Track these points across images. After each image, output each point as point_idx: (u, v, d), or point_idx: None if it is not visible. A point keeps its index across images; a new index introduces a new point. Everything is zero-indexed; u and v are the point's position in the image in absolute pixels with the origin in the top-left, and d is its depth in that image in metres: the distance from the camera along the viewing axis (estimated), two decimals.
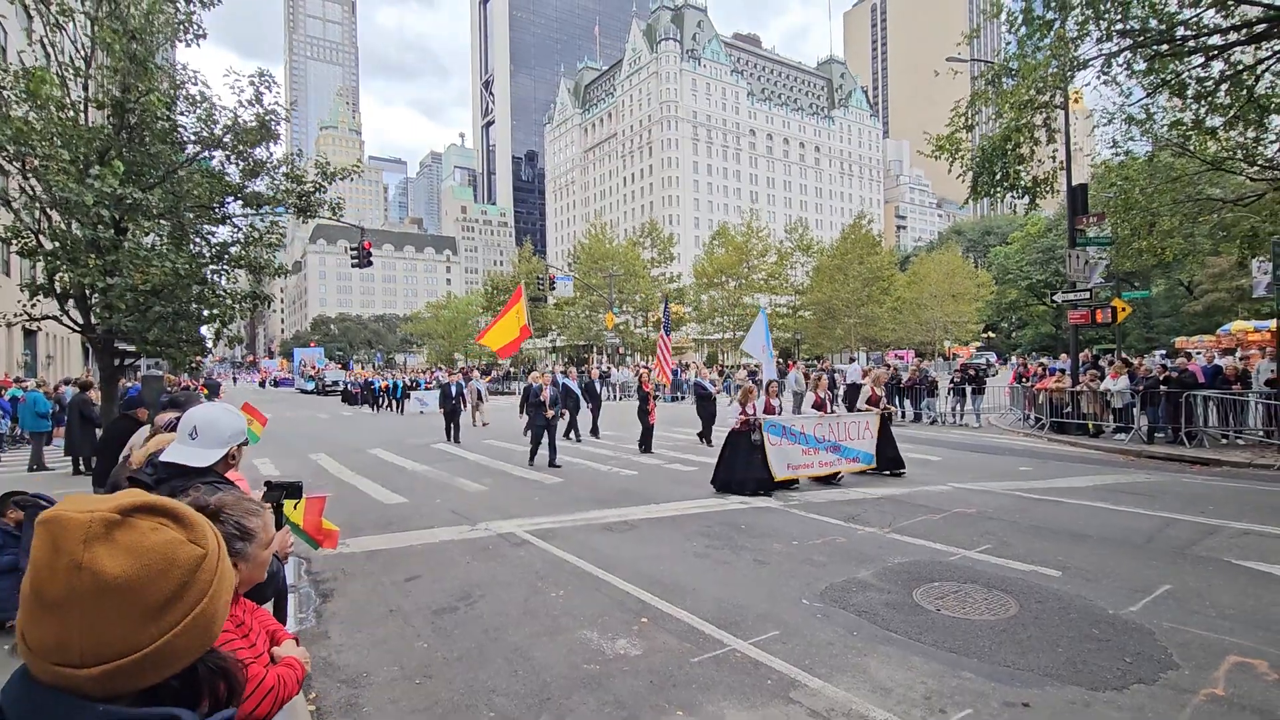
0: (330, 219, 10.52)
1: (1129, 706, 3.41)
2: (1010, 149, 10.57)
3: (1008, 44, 11.35)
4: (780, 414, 9.71)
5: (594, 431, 16.17)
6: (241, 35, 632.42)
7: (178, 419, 2.89)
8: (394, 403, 26.39)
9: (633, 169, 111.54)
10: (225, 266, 8.84)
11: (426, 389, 27.21)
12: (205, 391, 20.97)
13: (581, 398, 15.91)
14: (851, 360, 39.99)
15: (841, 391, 19.42)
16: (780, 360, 42.89)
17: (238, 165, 8.70)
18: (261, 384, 68.33)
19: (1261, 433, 12.11)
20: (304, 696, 3.48)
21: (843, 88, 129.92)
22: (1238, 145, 12.89)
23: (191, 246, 8.67)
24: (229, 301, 8.47)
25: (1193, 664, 3.86)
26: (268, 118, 8.46)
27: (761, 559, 6.14)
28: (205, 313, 8.12)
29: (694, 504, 8.53)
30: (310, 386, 48.46)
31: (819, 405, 9.98)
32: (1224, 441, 12.38)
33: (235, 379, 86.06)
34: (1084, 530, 6.87)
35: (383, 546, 6.92)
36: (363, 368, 72.52)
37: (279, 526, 2.57)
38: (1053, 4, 9.75)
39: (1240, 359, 15.43)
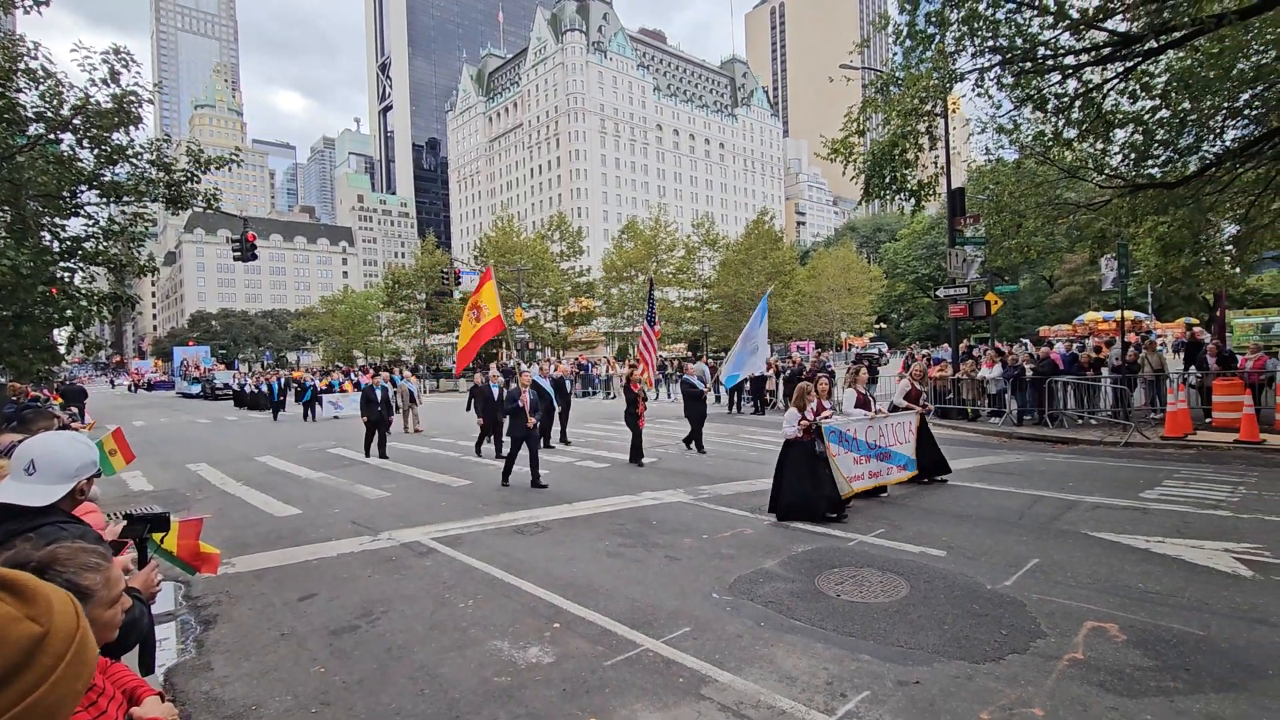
0: (206, 209, 9.65)
1: (1005, 676, 3.72)
2: (898, 154, 11.20)
3: (895, 55, 12.03)
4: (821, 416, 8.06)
5: (563, 438, 14.28)
6: (97, 3, 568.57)
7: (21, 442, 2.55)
8: (306, 408, 22.96)
9: (540, 160, 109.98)
10: (79, 264, 7.85)
11: (342, 391, 24.36)
12: (59, 400, 18.76)
13: (554, 399, 13.82)
14: (753, 353, 41.24)
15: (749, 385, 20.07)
16: (690, 354, 43.75)
17: (91, 150, 7.74)
18: (132, 388, 61.55)
19: (1109, 413, 13.58)
20: None
21: (745, 87, 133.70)
22: (1089, 156, 14.32)
23: (37, 241, 7.67)
24: (84, 303, 7.53)
25: (1058, 631, 4.26)
26: (126, 99, 7.56)
27: (673, 555, 6.22)
28: (55, 315, 7.18)
29: (607, 501, 8.53)
30: (195, 390, 42.76)
31: (862, 404, 8.47)
32: (1080, 422, 13.79)
33: (113, 383, 77.28)
34: (965, 511, 7.44)
35: (273, 564, 6.46)
36: (249, 367, 67.51)
37: (144, 562, 2.32)
38: (933, 20, 10.41)
39: (1092, 348, 17.25)
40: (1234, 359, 14.55)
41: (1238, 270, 21.39)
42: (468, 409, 16.10)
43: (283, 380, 25.69)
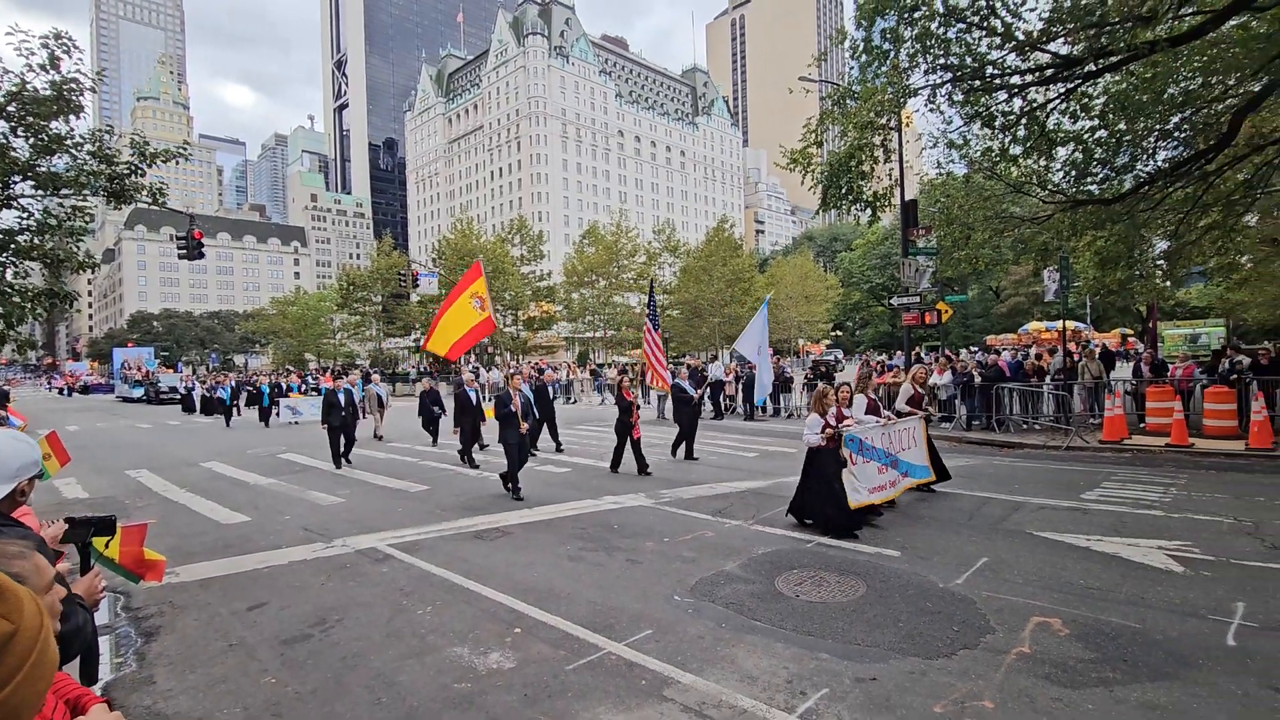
0: (151, 205, 9.25)
1: (957, 671, 3.85)
2: (854, 166, 11.50)
3: (851, 69, 12.36)
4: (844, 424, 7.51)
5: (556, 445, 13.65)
6: None
7: None
8: (262, 412, 21.71)
9: (500, 163, 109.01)
10: (12, 258, 7.41)
11: (300, 395, 23.24)
12: None
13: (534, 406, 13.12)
14: (714, 359, 41.70)
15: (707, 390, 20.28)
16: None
17: (27, 139, 7.32)
18: (65, 391, 58.01)
19: (1052, 419, 14.17)
20: None
21: (706, 96, 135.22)
22: (1033, 172, 14.97)
23: None
24: (17, 299, 7.12)
25: (1005, 627, 4.42)
26: (66, 87, 7.19)
27: (634, 558, 6.23)
28: None
29: (568, 506, 8.48)
30: (138, 393, 39.60)
31: (873, 410, 8.10)
32: (1025, 427, 14.34)
33: (49, 383, 72.70)
34: (919, 512, 7.66)
35: (220, 572, 6.22)
36: (193, 370, 65.00)
37: (87, 569, 2.22)
38: (888, 37, 10.74)
39: (1034, 356, 17.98)
40: (1165, 368, 15.38)
41: (1168, 284, 22.64)
42: (420, 414, 15.74)
43: (234, 383, 24.42)
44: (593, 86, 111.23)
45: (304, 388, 25.44)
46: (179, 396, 33.16)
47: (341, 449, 12.36)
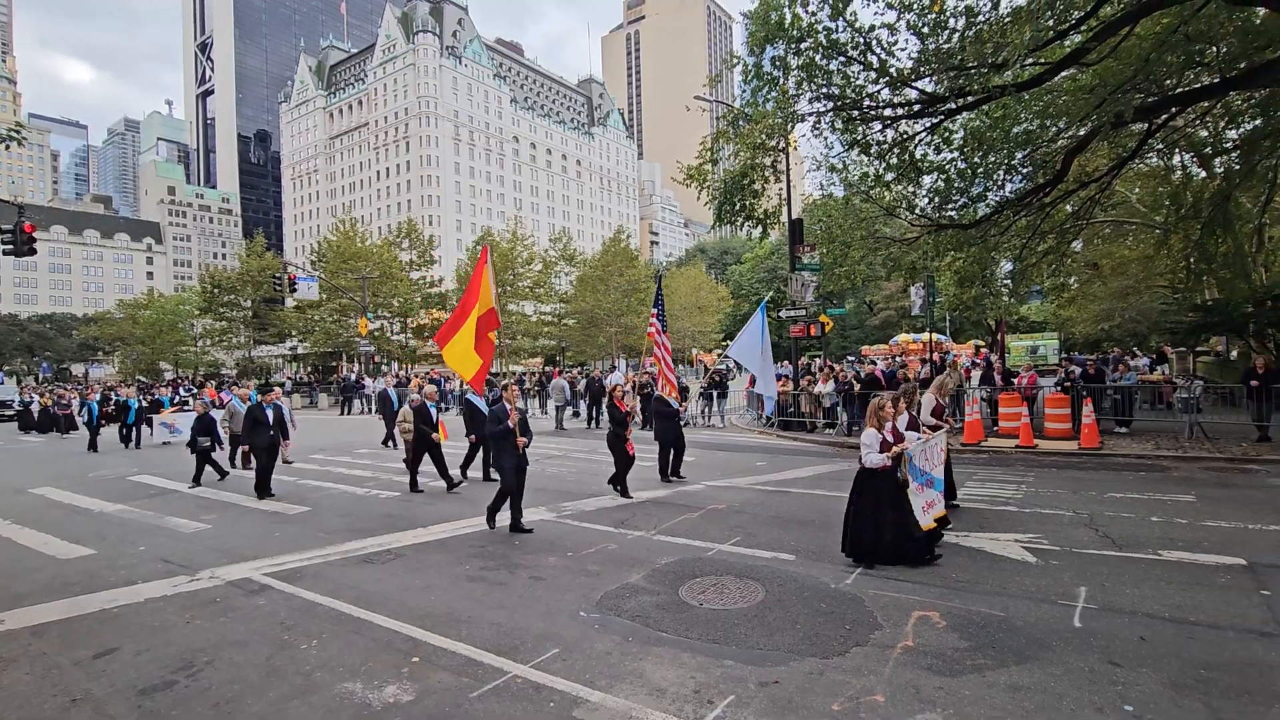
0: None
1: (850, 669, 4.07)
2: (747, 184, 12.04)
3: (744, 92, 12.94)
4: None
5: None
6: None
7: None
8: (128, 430, 18.34)
9: (388, 163, 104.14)
10: None
11: (177, 410, 20.21)
12: None
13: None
14: (613, 368, 41.96)
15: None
16: (547, 368, 43.45)
17: None
18: None
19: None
20: None
21: (601, 107, 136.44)
22: (902, 197, 16.32)
23: None
24: None
25: (891, 622, 4.74)
26: None
27: (537, 575, 6.10)
28: None
29: (465, 523, 8.18)
30: None
31: (913, 426, 7.31)
32: None
33: None
34: (809, 516, 8.06)
35: (58, 616, 5.46)
36: (19, 381, 57.13)
37: None
38: (778, 64, 11.36)
39: (903, 367, 19.56)
40: (1013, 377, 17.18)
41: (1013, 300, 25.37)
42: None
43: (100, 396, 20.98)
44: (487, 90, 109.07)
45: (177, 400, 22.61)
46: (14, 412, 28.50)
47: (268, 477, 10.43)
